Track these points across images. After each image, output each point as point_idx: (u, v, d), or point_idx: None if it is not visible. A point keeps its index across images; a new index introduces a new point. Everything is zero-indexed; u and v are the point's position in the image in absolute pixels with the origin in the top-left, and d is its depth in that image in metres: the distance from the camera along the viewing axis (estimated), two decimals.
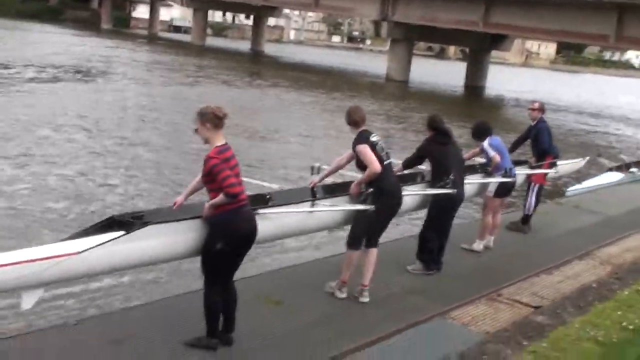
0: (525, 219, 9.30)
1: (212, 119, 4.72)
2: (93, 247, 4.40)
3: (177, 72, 37.36)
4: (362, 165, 6.00)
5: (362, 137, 6.01)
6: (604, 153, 19.38)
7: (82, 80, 29.18)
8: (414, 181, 7.26)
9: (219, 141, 4.76)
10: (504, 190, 8.13)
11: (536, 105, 9.27)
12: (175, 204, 5.15)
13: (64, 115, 19.18)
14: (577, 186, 14.30)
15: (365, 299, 6.17)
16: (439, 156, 6.96)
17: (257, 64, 54.05)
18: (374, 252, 6.18)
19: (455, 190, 6.83)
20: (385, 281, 6.65)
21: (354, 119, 6.07)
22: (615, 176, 14.64)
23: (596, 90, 63.12)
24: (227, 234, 4.73)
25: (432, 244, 7.07)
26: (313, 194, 6.23)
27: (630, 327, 5.73)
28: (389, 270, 7.00)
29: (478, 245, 8.12)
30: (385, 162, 6.00)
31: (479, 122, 8.33)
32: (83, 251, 4.36)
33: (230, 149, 4.80)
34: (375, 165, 5.88)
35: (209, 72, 39.68)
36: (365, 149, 5.92)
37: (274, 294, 6.06)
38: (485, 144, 7.94)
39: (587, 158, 12.03)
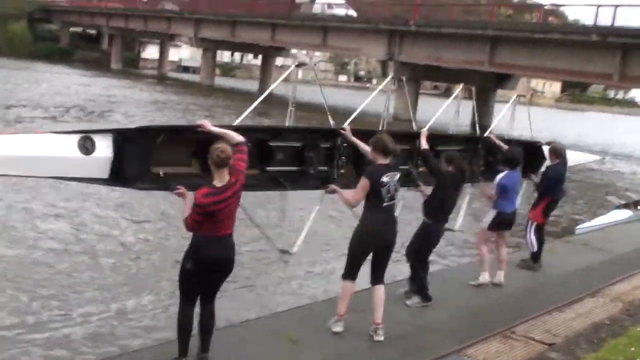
0: (535, 257, 9.38)
1: (212, 159, 4.92)
2: None
3: (184, 112, 37.38)
4: None
5: (371, 172, 6.04)
6: (611, 191, 19.44)
7: (82, 119, 28.55)
8: None
9: (218, 182, 4.94)
10: (497, 224, 8.29)
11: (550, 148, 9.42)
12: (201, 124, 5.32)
13: None
14: (587, 224, 14.40)
15: (380, 338, 6.22)
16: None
17: (264, 104, 54.30)
18: (378, 289, 6.24)
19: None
20: (398, 319, 6.72)
21: (373, 147, 6.15)
22: (624, 214, 14.72)
23: (601, 128, 63.34)
24: (197, 258, 4.99)
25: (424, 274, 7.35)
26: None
27: None
28: (402, 307, 7.09)
29: (483, 277, 8.24)
30: (384, 204, 6.02)
31: (508, 151, 8.52)
32: None
33: (228, 190, 4.94)
34: (351, 201, 6.12)
35: (216, 111, 40.05)
36: (363, 184, 5.99)
37: (290, 332, 6.13)
38: (498, 177, 8.14)
39: (600, 157, 12.06)
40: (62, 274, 9.41)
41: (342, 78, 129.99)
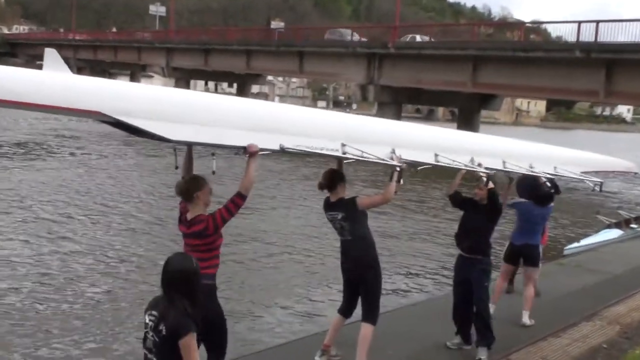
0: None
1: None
2: None
3: (153, 145, 36.72)
4: None
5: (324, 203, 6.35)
6: (602, 210, 19.65)
7: (27, 158, 27.55)
8: None
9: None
10: (508, 256, 8.42)
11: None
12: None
13: None
14: (575, 244, 14.48)
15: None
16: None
17: None
18: (363, 327, 6.19)
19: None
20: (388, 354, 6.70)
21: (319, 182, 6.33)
22: (615, 233, 14.84)
23: (590, 148, 64.07)
24: None
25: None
26: None
27: None
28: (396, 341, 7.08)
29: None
30: (341, 238, 6.25)
31: (524, 177, 8.05)
32: None
33: (183, 224, 5.13)
34: None
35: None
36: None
37: None
38: (513, 200, 8.15)
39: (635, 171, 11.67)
40: None
41: (321, 104, 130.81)
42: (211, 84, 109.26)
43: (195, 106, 4.73)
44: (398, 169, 5.61)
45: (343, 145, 5.25)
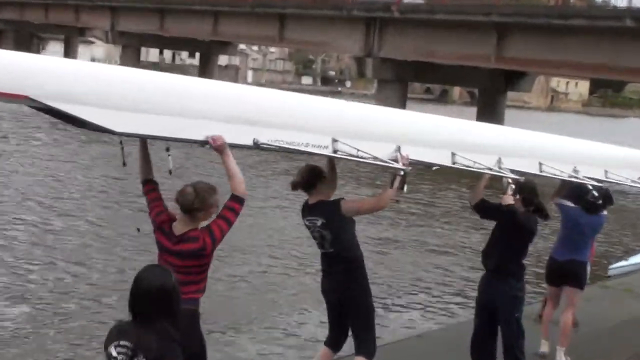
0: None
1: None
2: None
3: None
4: None
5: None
6: None
7: None
8: None
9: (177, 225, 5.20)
10: (548, 274, 8.59)
11: None
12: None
13: None
14: (622, 263, 14.55)
15: None
16: None
17: None
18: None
19: None
20: None
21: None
22: None
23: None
24: None
25: None
26: None
27: None
28: None
29: (542, 346, 8.39)
30: (320, 251, 6.27)
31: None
32: None
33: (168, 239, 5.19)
34: None
35: None
36: None
37: None
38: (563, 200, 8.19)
39: None
40: None
41: (307, 80, 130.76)
42: (167, 53, 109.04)
43: (147, 89, 4.71)
44: (402, 172, 5.60)
45: (334, 141, 5.25)
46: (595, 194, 7.67)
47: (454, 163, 6.00)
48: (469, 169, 6.03)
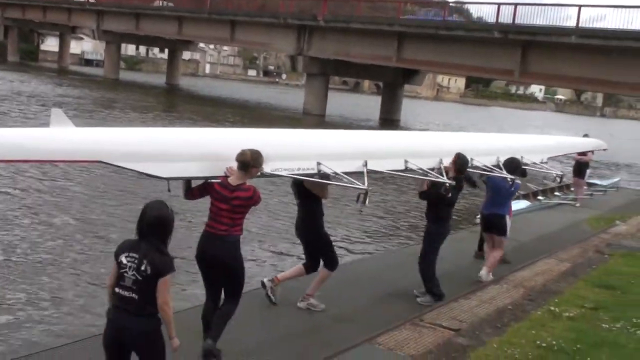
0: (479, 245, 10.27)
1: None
2: None
3: (87, 108, 35.21)
4: None
5: None
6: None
7: None
8: None
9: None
10: (481, 223, 9.36)
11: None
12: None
13: None
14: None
15: None
16: None
17: (172, 98, 53.63)
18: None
19: None
20: (313, 311, 6.82)
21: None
22: (524, 204, 15.38)
23: (504, 123, 65.91)
24: (197, 251, 5.67)
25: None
26: None
27: (544, 344, 6.11)
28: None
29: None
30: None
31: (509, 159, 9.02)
32: None
33: (226, 188, 5.47)
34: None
35: (123, 105, 39.01)
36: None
37: None
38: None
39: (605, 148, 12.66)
40: None
41: (252, 72, 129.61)
42: (142, 49, 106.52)
43: (175, 144, 5.36)
44: (364, 191, 6.07)
45: (319, 164, 6.02)
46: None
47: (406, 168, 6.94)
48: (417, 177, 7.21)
